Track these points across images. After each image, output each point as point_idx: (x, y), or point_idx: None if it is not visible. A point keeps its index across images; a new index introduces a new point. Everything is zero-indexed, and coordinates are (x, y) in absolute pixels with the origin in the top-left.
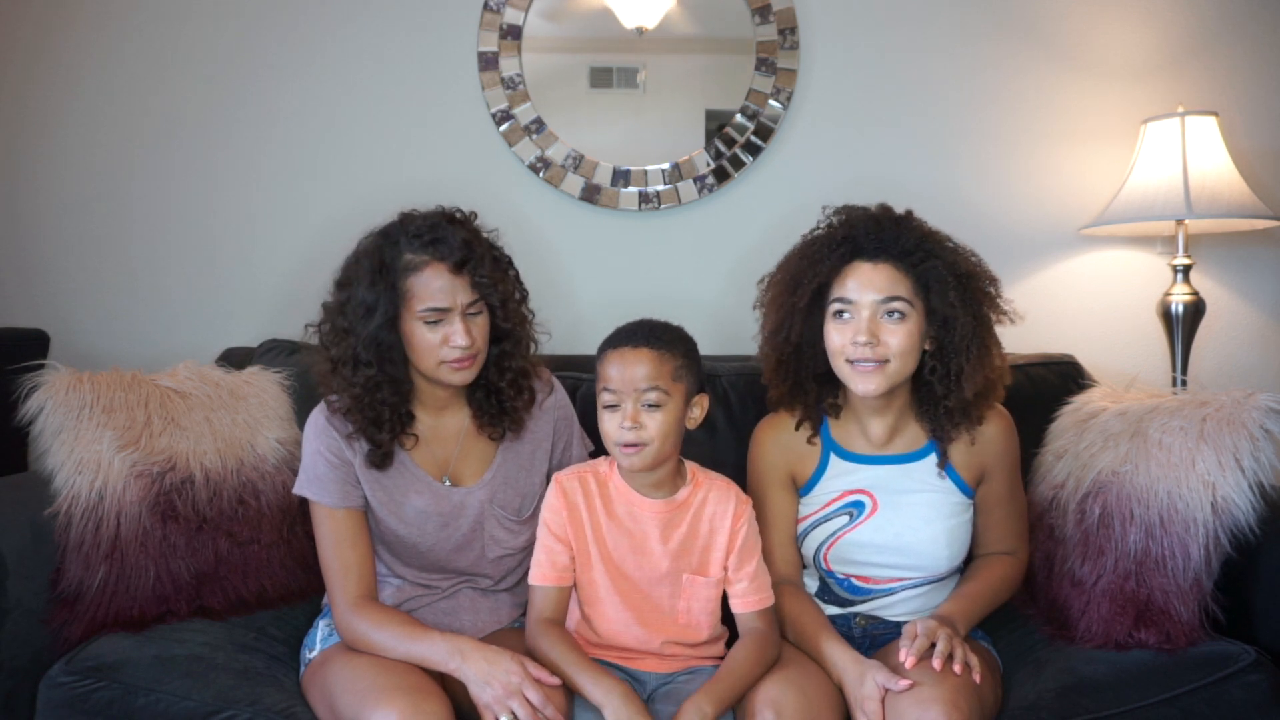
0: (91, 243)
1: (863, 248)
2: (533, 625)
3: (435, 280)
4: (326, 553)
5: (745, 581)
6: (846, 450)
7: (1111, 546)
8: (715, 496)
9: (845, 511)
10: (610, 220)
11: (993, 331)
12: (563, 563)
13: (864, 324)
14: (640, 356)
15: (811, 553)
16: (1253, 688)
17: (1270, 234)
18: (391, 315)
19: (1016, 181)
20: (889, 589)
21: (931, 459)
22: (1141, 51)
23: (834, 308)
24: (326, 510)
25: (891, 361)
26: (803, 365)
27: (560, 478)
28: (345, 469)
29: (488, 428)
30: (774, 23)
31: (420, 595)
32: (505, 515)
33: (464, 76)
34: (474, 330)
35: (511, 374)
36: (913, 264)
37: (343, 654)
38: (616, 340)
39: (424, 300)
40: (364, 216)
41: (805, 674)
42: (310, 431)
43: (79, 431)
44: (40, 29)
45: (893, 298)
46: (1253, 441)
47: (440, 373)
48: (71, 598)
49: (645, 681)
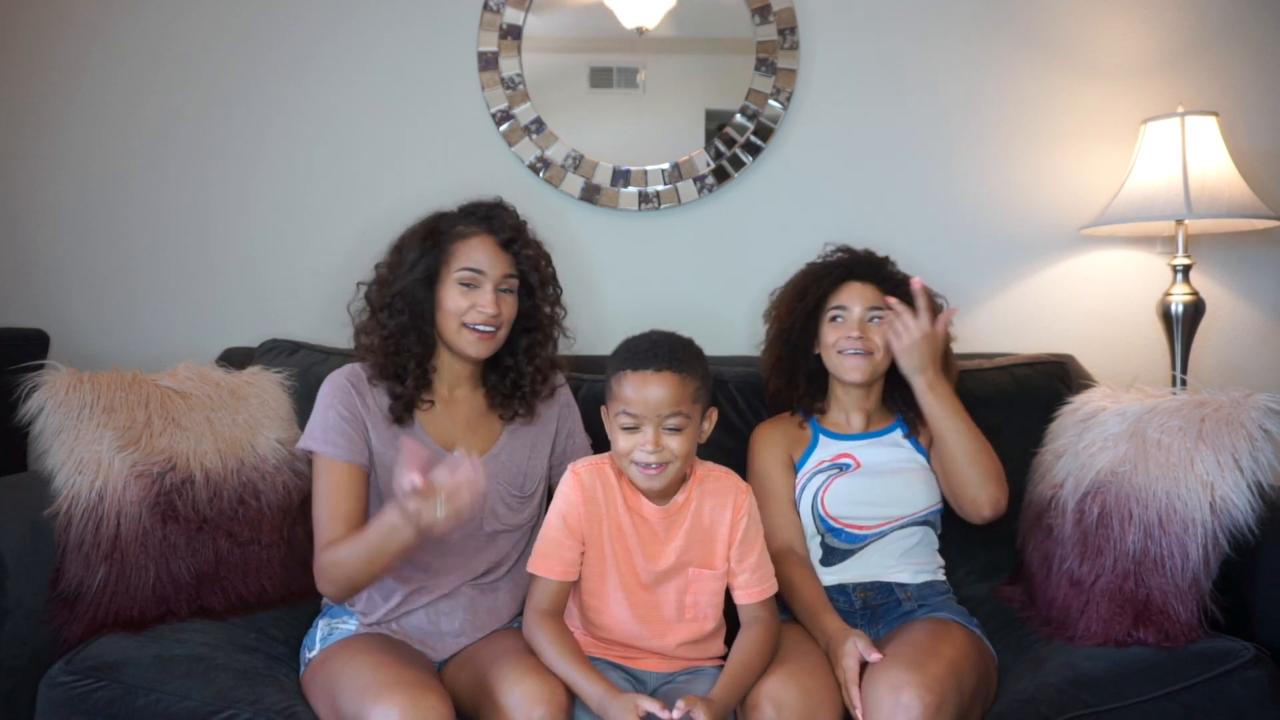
0: (91, 243)
1: (854, 271)
2: (530, 616)
3: (479, 249)
4: (320, 502)
5: (748, 573)
6: (832, 431)
7: (1110, 546)
8: (715, 488)
9: (835, 468)
10: (610, 220)
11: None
12: (570, 557)
13: (855, 325)
14: (664, 381)
15: (810, 504)
16: (1252, 683)
17: (1270, 234)
18: (431, 271)
19: (1016, 181)
20: (881, 532)
21: (898, 432)
22: (1141, 51)
23: (831, 313)
24: (328, 462)
25: (875, 354)
26: (796, 364)
27: (578, 470)
28: (357, 425)
29: (499, 408)
30: (774, 23)
31: (418, 592)
32: (507, 490)
33: (464, 76)
34: (502, 304)
35: (539, 362)
36: (890, 288)
37: (343, 652)
38: (636, 361)
39: (464, 260)
40: (364, 216)
41: (805, 669)
42: (326, 388)
43: (79, 431)
44: (40, 29)
45: (876, 307)
46: (1251, 442)
47: (461, 338)
48: (71, 598)
49: (646, 681)
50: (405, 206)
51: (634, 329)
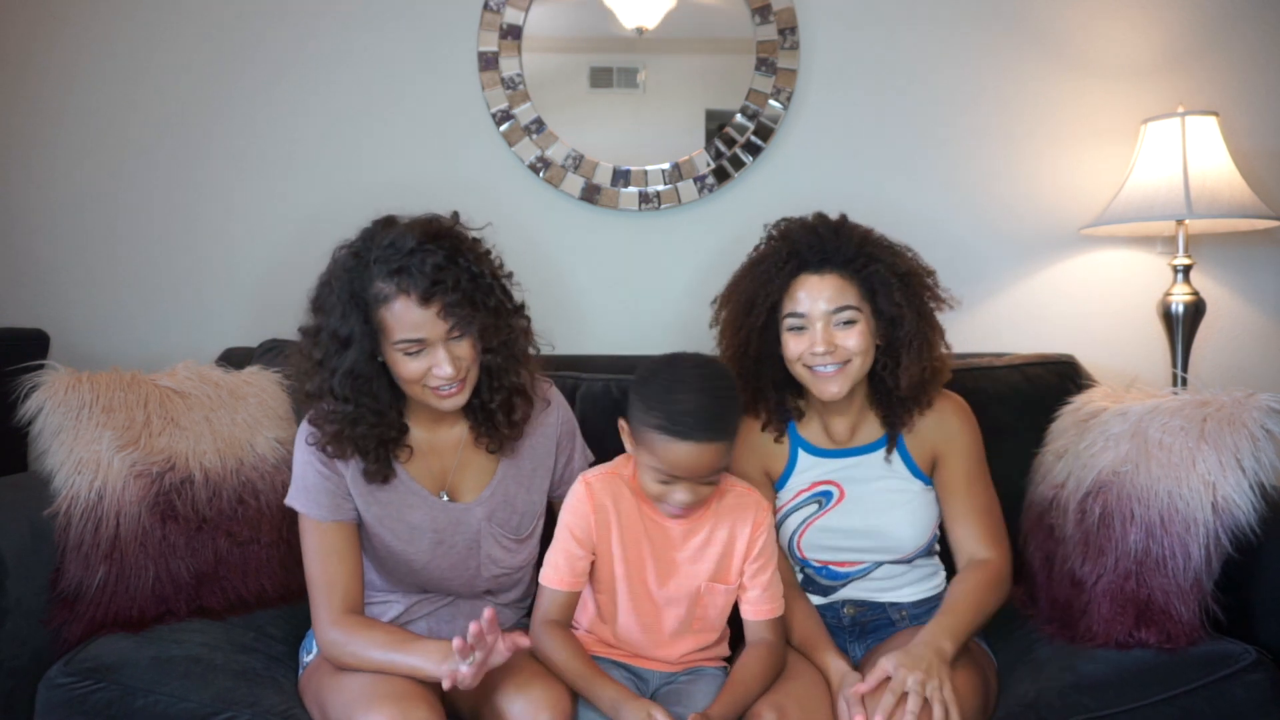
0: (91, 243)
1: (807, 261)
2: (537, 626)
3: (407, 313)
4: (313, 567)
5: (759, 590)
6: (813, 445)
7: (1112, 546)
8: (735, 503)
9: (814, 500)
10: (610, 220)
11: (935, 324)
12: (580, 568)
13: (819, 334)
14: (708, 451)
15: (786, 542)
16: (1253, 687)
17: (1270, 234)
18: (369, 349)
19: (1016, 181)
20: (864, 569)
21: (888, 447)
22: (1141, 51)
23: (788, 322)
24: (314, 523)
25: (852, 361)
26: (762, 375)
27: (589, 479)
28: (336, 481)
29: (485, 439)
30: (774, 23)
31: (419, 604)
32: (503, 534)
33: (464, 76)
34: (459, 354)
35: (504, 392)
36: (856, 269)
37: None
38: (679, 429)
39: (399, 332)
40: (364, 217)
41: (807, 687)
42: (300, 440)
43: (79, 431)
44: (37, 29)
45: (842, 307)
46: (1253, 441)
47: (428, 398)
48: (71, 598)
49: (649, 680)
50: (405, 206)
51: (634, 328)
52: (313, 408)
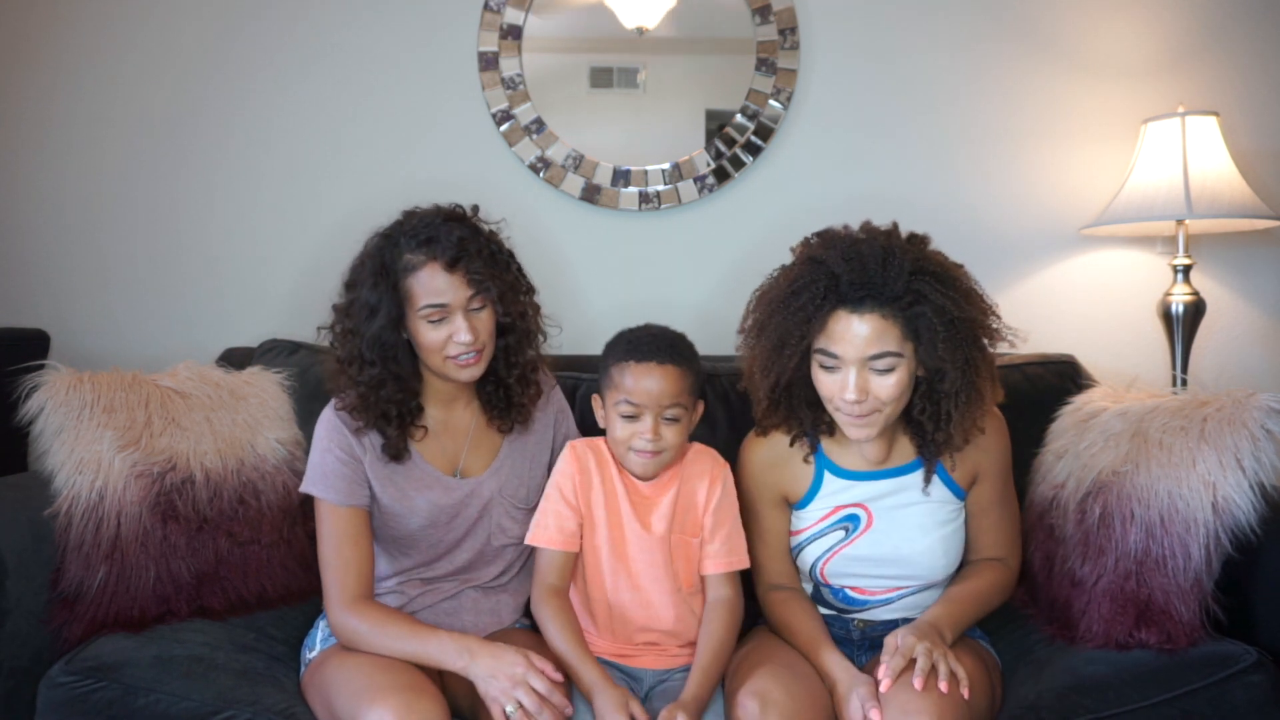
0: (91, 243)
1: (846, 297)
2: (537, 591)
3: (433, 279)
4: (327, 550)
5: (718, 543)
6: (841, 468)
7: (1112, 546)
8: (694, 459)
9: (840, 526)
10: (610, 220)
11: (986, 371)
12: (570, 528)
13: (852, 381)
14: (667, 374)
15: (808, 567)
16: (1254, 688)
17: (1270, 234)
18: (395, 316)
19: (1017, 181)
20: (886, 599)
21: (923, 470)
22: (1142, 51)
23: (819, 359)
24: (330, 507)
25: (884, 410)
26: (794, 398)
27: (575, 444)
28: (354, 465)
29: (497, 421)
30: (774, 23)
31: (424, 595)
32: (512, 505)
33: (464, 76)
34: (478, 325)
35: (519, 368)
36: (900, 309)
37: (340, 654)
38: (638, 353)
39: (424, 298)
40: (364, 217)
41: (794, 673)
42: (321, 429)
43: (79, 431)
44: (41, 28)
45: (880, 354)
46: (1253, 441)
47: (448, 369)
48: (71, 598)
49: (642, 679)
50: (406, 206)
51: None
52: (340, 379)
